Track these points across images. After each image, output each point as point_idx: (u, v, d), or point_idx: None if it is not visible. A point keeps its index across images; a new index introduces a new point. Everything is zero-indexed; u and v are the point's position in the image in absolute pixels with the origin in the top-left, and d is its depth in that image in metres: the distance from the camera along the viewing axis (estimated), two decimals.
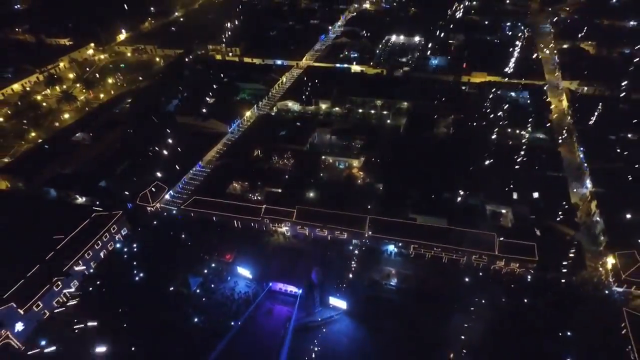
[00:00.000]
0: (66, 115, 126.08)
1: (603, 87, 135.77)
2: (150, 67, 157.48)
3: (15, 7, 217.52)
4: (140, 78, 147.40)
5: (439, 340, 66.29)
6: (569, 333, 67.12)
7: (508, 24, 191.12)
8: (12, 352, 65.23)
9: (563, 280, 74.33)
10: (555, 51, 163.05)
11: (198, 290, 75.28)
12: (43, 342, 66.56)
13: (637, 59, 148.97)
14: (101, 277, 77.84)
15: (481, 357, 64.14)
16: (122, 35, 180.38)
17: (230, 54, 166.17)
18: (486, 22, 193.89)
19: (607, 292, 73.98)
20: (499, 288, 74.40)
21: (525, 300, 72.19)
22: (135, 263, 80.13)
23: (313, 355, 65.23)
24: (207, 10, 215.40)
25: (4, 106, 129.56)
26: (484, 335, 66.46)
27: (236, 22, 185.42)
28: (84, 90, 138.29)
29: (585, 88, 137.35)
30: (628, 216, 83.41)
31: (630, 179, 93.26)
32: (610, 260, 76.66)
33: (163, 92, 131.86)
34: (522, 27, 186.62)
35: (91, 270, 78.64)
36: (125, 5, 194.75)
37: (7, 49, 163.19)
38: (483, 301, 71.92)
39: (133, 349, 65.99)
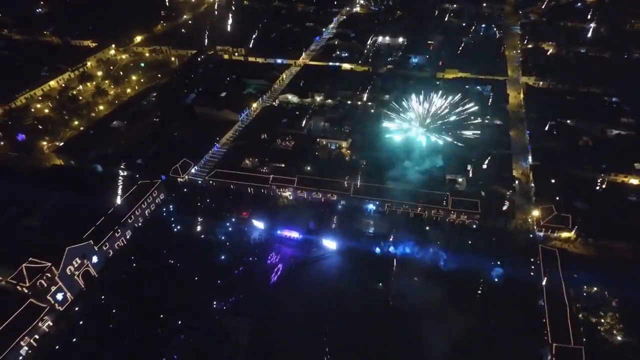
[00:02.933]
0: (100, 107, 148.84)
1: (556, 82, 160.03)
2: (167, 66, 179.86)
3: (37, 10, 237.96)
4: (159, 75, 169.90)
5: (405, 267, 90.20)
6: (499, 263, 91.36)
7: (483, 25, 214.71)
8: (90, 278, 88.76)
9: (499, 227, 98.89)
10: (519, 50, 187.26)
11: (223, 237, 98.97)
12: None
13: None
14: (148, 229, 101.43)
15: (437, 278, 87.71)
16: (139, 37, 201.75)
17: (236, 53, 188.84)
18: (463, 24, 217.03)
19: (531, 235, 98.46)
20: (451, 233, 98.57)
21: (470, 242, 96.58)
22: (172, 219, 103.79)
23: (311, 283, 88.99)
24: (212, 13, 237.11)
25: (46, 100, 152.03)
26: (438, 263, 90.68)
27: (240, 25, 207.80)
28: (112, 86, 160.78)
29: (541, 82, 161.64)
30: (552, 181, 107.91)
31: (560, 154, 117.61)
32: (536, 213, 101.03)
33: (181, 87, 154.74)
34: (495, 29, 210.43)
35: (140, 224, 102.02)
36: (138, 9, 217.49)
37: (40, 50, 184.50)
38: (438, 242, 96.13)
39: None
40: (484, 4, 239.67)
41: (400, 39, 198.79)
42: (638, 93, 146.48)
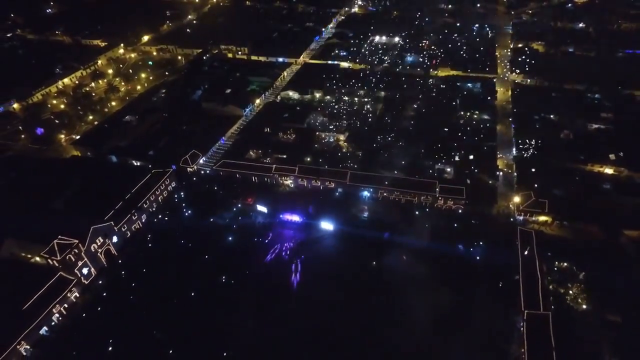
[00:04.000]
0: (113, 103, 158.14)
1: (542, 79, 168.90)
2: (174, 64, 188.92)
3: (47, 10, 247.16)
4: (167, 73, 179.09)
5: (396, 246, 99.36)
6: (482, 242, 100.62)
7: (476, 25, 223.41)
8: (111, 255, 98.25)
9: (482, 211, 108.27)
10: (509, 49, 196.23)
11: (228, 220, 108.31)
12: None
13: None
14: (161, 213, 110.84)
15: (424, 256, 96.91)
16: (146, 37, 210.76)
17: (240, 52, 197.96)
18: (458, 24, 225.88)
19: (511, 219, 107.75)
20: (439, 217, 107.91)
21: (455, 225, 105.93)
22: (183, 204, 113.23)
23: (311, 260, 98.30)
24: (216, 14, 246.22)
25: (62, 96, 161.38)
26: (426, 242, 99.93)
27: (243, 25, 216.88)
28: (122, 83, 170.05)
29: (529, 80, 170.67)
30: (533, 171, 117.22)
31: (541, 147, 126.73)
32: (516, 199, 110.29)
33: (189, 84, 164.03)
34: (487, 29, 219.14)
35: (153, 209, 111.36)
36: (144, 10, 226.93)
37: (52, 49, 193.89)
38: (426, 225, 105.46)
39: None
40: (478, 5, 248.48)
41: (396, 39, 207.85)
42: (618, 90, 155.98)
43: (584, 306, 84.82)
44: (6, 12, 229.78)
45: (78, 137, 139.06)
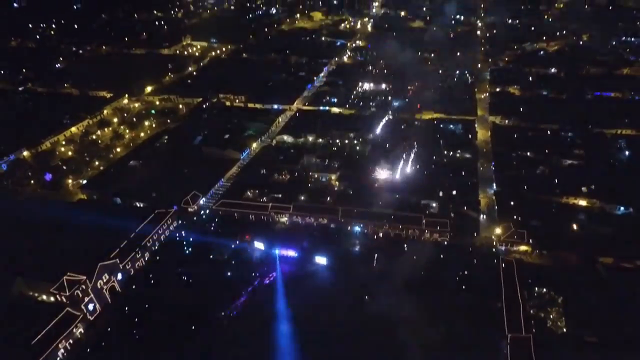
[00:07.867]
0: (118, 149, 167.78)
1: (519, 120, 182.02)
2: (175, 112, 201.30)
3: (57, 66, 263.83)
4: (169, 121, 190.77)
5: (384, 276, 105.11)
6: (466, 272, 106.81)
7: (457, 72, 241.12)
8: (116, 293, 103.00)
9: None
10: (488, 93, 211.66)
11: (227, 257, 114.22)
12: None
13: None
14: (164, 251, 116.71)
15: (412, 286, 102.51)
16: (149, 88, 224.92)
17: (237, 100, 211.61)
18: (440, 71, 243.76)
19: (493, 249, 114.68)
20: (426, 249, 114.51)
21: (442, 256, 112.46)
22: (184, 242, 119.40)
23: (305, 293, 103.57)
24: (215, 66, 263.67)
25: (69, 144, 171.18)
26: (415, 272, 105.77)
27: (240, 76, 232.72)
28: (127, 131, 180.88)
29: (507, 121, 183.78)
30: (512, 204, 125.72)
31: (519, 182, 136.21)
32: (497, 230, 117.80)
33: (190, 130, 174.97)
34: (467, 75, 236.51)
35: (156, 247, 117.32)
36: (148, 64, 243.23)
37: (60, 101, 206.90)
38: (414, 257, 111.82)
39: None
40: (458, 53, 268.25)
41: (383, 85, 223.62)
42: (589, 129, 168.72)
43: (564, 329, 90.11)
44: (19, 67, 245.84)
45: (85, 181, 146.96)
